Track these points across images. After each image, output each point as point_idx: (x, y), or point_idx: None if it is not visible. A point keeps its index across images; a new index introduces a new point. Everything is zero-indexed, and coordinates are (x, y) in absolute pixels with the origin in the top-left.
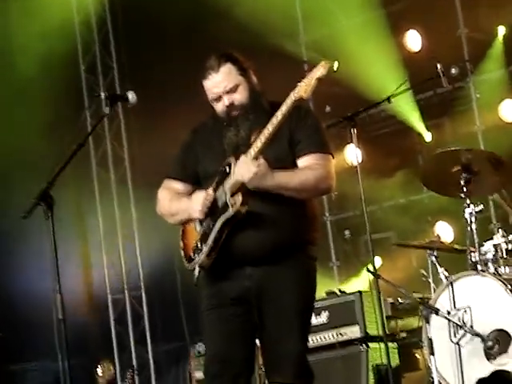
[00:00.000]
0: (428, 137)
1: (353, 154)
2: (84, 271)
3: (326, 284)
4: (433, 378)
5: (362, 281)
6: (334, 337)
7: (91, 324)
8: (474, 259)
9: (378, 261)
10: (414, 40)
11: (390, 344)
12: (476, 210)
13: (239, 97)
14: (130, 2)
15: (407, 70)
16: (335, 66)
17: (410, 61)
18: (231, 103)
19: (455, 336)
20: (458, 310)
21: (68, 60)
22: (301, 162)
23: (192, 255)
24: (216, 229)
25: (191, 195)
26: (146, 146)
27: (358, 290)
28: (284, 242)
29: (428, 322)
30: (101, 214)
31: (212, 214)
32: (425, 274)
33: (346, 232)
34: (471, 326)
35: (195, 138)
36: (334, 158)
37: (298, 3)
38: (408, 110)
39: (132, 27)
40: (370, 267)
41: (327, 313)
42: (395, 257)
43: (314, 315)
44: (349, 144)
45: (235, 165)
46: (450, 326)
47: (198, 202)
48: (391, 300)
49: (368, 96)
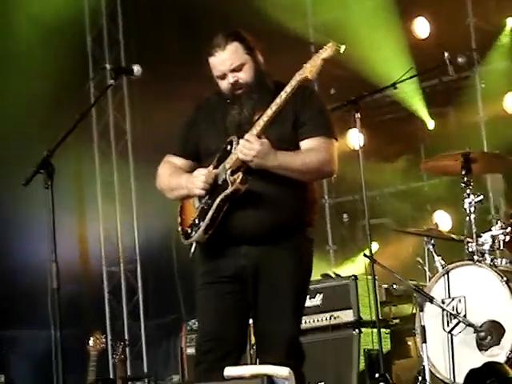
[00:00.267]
0: (431, 124)
1: (355, 138)
2: (80, 242)
3: (321, 267)
4: (424, 365)
5: (357, 265)
6: (327, 320)
7: (85, 295)
8: (471, 249)
9: (374, 246)
10: (422, 27)
11: (383, 330)
12: (475, 200)
13: (244, 76)
14: None
15: (414, 56)
16: (342, 48)
17: (417, 47)
18: (236, 81)
19: (448, 325)
20: (453, 299)
21: (74, 30)
22: (304, 144)
23: (189, 231)
24: (214, 205)
25: (192, 171)
26: (149, 120)
27: (353, 275)
28: (282, 223)
29: (422, 310)
30: (100, 185)
31: (211, 191)
32: (421, 262)
33: (344, 216)
34: (465, 316)
35: (198, 114)
36: (337, 140)
37: None
38: (413, 96)
39: (140, 1)
40: (367, 252)
41: (321, 295)
42: (392, 243)
43: (308, 297)
44: (352, 128)
45: (237, 143)
46: (443, 315)
47: (199, 179)
48: (386, 286)
49: (373, 80)
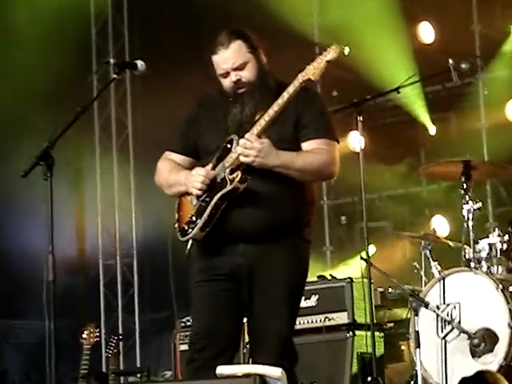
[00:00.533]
0: (432, 130)
1: (356, 141)
2: (78, 234)
3: (317, 268)
4: (416, 370)
5: (353, 267)
6: (321, 321)
7: (80, 287)
8: (467, 256)
9: (371, 249)
10: (427, 32)
11: (377, 333)
12: (474, 207)
13: (247, 74)
14: None
15: (418, 61)
16: (346, 50)
17: (421, 52)
18: (238, 80)
19: (442, 331)
20: (448, 305)
21: (79, 22)
22: (306, 146)
23: (186, 228)
24: (212, 203)
25: (191, 168)
26: (150, 115)
27: (349, 277)
28: (280, 223)
29: (417, 315)
30: (100, 178)
31: (210, 189)
32: (417, 267)
33: (343, 218)
34: (459, 322)
35: (200, 110)
36: (338, 143)
37: None
38: (415, 101)
39: None
40: (364, 254)
41: (317, 297)
42: (389, 246)
43: (303, 298)
44: (353, 130)
45: (237, 142)
46: (438, 321)
47: (197, 178)
48: (381, 289)
49: (376, 84)
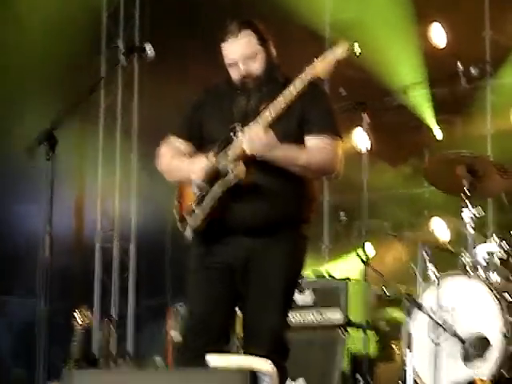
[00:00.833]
0: (437, 132)
1: (360, 139)
2: (77, 216)
3: (314, 264)
4: (406, 370)
5: (349, 265)
6: (315, 318)
7: (76, 269)
8: (465, 261)
9: (369, 248)
10: (438, 34)
11: (370, 333)
12: (475, 213)
13: (255, 66)
14: None
15: (427, 63)
16: (356, 49)
17: (430, 54)
18: (246, 71)
19: (435, 334)
20: (442, 308)
21: (90, 4)
22: (310, 142)
23: (185, 216)
24: (213, 193)
25: (193, 154)
26: (157, 100)
27: (346, 276)
28: (278, 217)
29: (410, 317)
30: (102, 161)
31: (211, 178)
32: (414, 268)
33: (341, 214)
34: (452, 326)
35: (206, 98)
36: (343, 141)
37: None
38: (421, 103)
39: None
40: (360, 253)
41: (312, 294)
42: (387, 246)
43: (298, 294)
44: (358, 128)
45: (241, 132)
46: (431, 324)
47: (200, 164)
48: (377, 289)
49: (384, 83)
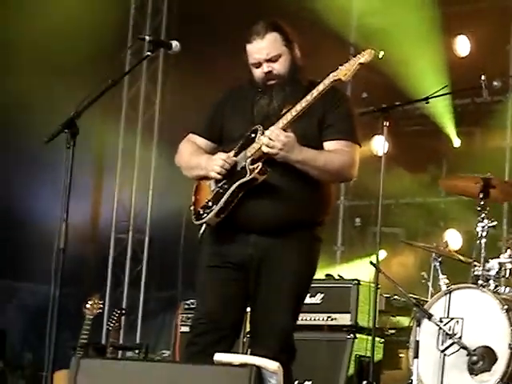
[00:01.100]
0: (457, 143)
1: (380, 145)
2: (93, 206)
3: (326, 266)
4: (412, 380)
5: (361, 270)
6: (324, 320)
7: (90, 258)
8: (476, 273)
9: (382, 254)
10: (463, 45)
11: (377, 338)
12: (489, 225)
13: (279, 67)
14: None
15: (450, 73)
16: (381, 54)
17: (454, 65)
18: (270, 72)
19: (442, 344)
20: (451, 319)
21: None
22: (328, 146)
23: (201, 212)
24: (230, 191)
25: (213, 153)
26: (180, 95)
27: (356, 280)
28: (293, 218)
29: (419, 325)
30: (121, 152)
31: (229, 177)
32: (425, 277)
33: (357, 219)
34: (460, 338)
35: (228, 98)
36: (361, 147)
37: None
38: (443, 113)
39: None
40: (374, 259)
41: (322, 295)
42: (400, 254)
43: (308, 295)
44: (378, 134)
45: (262, 132)
46: (439, 334)
47: (218, 162)
48: (387, 295)
49: (406, 91)
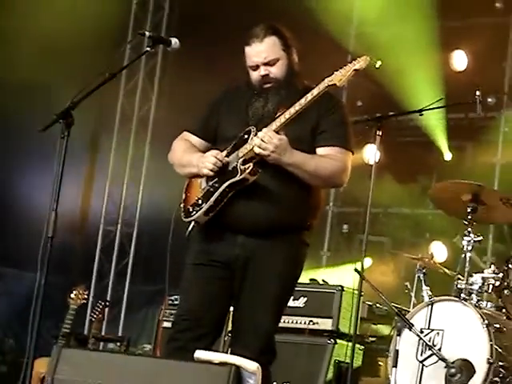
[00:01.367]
0: (448, 156)
1: (371, 154)
2: (84, 197)
3: (311, 271)
4: None
5: (345, 276)
6: (305, 323)
7: (78, 248)
8: (459, 286)
9: (367, 262)
10: (460, 60)
11: (357, 345)
12: (475, 239)
13: (276, 71)
14: None
15: (446, 87)
16: (378, 63)
17: (450, 79)
18: (267, 75)
19: (422, 355)
20: (432, 330)
21: None
22: (321, 151)
23: (190, 209)
24: (220, 190)
25: (205, 152)
26: (176, 92)
27: (340, 286)
28: (281, 222)
29: (399, 335)
30: (115, 146)
31: (220, 176)
32: (409, 287)
33: (345, 226)
34: (439, 349)
35: (224, 98)
36: (353, 154)
37: None
38: (436, 125)
39: None
40: (359, 266)
41: (305, 299)
42: (385, 262)
43: (291, 298)
44: (370, 143)
45: (255, 134)
46: (419, 344)
47: (210, 160)
48: (370, 303)
49: (401, 102)
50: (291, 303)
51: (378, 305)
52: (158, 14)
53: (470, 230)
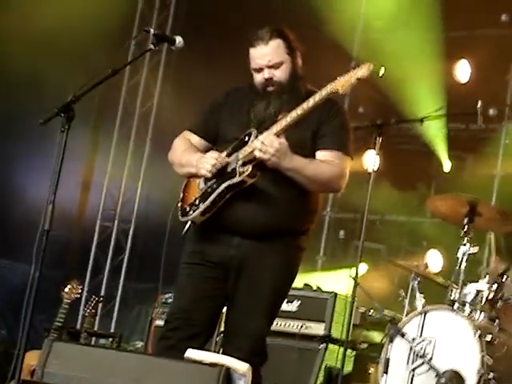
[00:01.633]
0: (447, 166)
1: (371, 160)
2: (82, 191)
3: (306, 275)
4: None
5: (340, 281)
6: (298, 327)
7: (74, 242)
8: (453, 296)
9: (363, 268)
10: (463, 71)
11: (349, 351)
12: (470, 250)
13: (279, 74)
14: None
15: (448, 97)
16: (381, 71)
17: (452, 89)
18: (270, 78)
19: (413, 363)
20: (424, 339)
21: None
22: (320, 155)
23: (187, 209)
24: (218, 191)
25: (206, 152)
26: (179, 91)
27: (334, 292)
28: (278, 225)
29: (391, 342)
30: (115, 142)
31: (219, 177)
32: (402, 295)
33: (341, 232)
34: (431, 359)
35: (226, 99)
36: (352, 160)
37: (364, 0)
38: (436, 135)
39: None
40: (353, 272)
41: (299, 303)
42: (380, 269)
43: (285, 301)
44: (370, 149)
45: (255, 136)
46: (410, 352)
47: (210, 161)
48: (363, 309)
49: (403, 110)
50: (284, 307)
51: (371, 311)
52: (163, 13)
53: (466, 240)
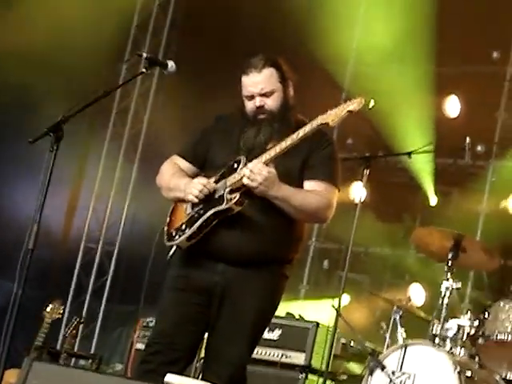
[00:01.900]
0: (433, 201)
1: (357, 192)
2: (68, 212)
3: (288, 304)
4: None
5: (322, 311)
6: (278, 356)
7: (58, 263)
8: (434, 331)
9: (345, 299)
10: (453, 106)
11: (328, 381)
12: (454, 286)
13: (271, 103)
14: None
15: (437, 132)
16: (371, 104)
17: (441, 124)
18: (262, 106)
19: None
20: (403, 373)
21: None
22: (308, 186)
23: (173, 233)
24: (205, 217)
25: (194, 177)
26: (168, 116)
27: (316, 321)
28: (263, 253)
29: (371, 374)
30: (103, 163)
31: (206, 203)
32: (384, 328)
33: (325, 262)
34: None
35: (216, 125)
36: (339, 191)
37: (357, 34)
38: (424, 169)
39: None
40: (336, 303)
41: (280, 331)
42: (363, 301)
43: (267, 330)
44: (357, 181)
45: (244, 164)
46: None
47: (197, 186)
48: (344, 340)
49: (391, 143)
50: (266, 335)
51: (352, 343)
52: (156, 38)
53: (449, 275)
